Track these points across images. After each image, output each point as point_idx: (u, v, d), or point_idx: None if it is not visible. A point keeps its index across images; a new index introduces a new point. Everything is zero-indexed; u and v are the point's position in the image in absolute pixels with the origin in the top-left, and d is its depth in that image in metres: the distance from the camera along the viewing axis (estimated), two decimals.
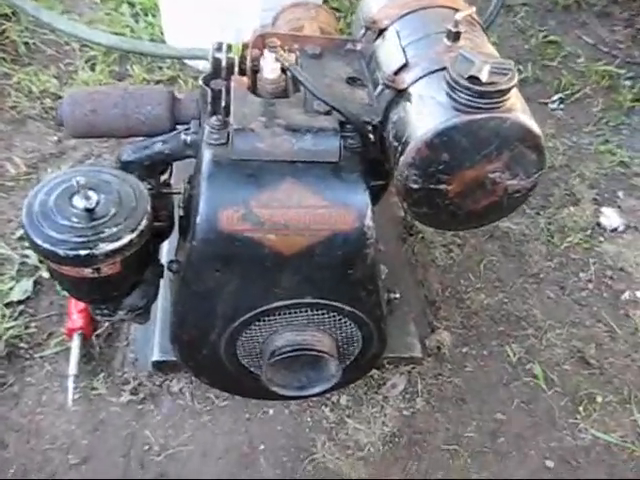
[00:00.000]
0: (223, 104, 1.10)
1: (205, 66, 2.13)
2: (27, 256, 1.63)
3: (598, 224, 1.90)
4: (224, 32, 1.80)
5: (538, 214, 1.90)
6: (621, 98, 2.30)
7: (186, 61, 2.18)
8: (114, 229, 0.99)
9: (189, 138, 1.13)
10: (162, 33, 2.25)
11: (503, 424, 1.48)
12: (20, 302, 1.56)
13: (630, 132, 2.20)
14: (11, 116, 1.96)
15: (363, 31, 1.22)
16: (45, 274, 1.60)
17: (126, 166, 1.14)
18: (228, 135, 1.04)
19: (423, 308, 1.66)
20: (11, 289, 1.57)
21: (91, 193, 1.00)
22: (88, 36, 1.60)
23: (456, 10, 1.18)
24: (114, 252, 0.99)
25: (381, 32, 1.19)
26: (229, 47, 1.23)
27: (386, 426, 1.44)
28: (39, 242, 0.98)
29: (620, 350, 1.61)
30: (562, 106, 2.28)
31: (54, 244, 0.97)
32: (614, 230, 1.88)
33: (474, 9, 1.12)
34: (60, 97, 2.01)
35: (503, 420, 1.48)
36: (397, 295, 1.54)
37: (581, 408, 1.50)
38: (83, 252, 0.97)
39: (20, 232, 1.68)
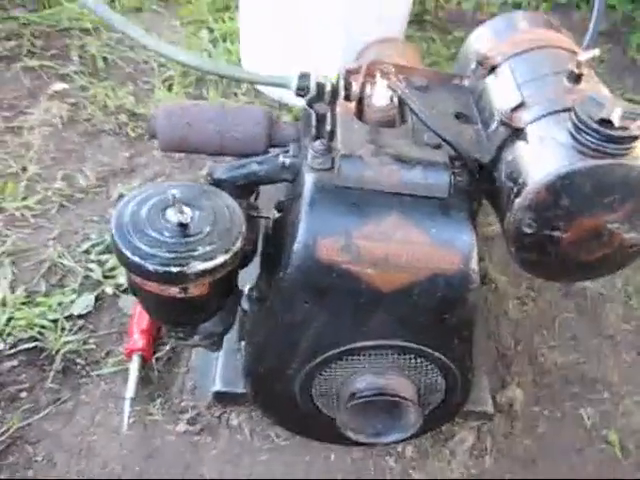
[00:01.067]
0: (328, 128, 1.05)
1: (280, 96, 2.12)
2: (91, 270, 1.59)
3: None
4: (304, 64, 1.78)
5: (614, 274, 1.82)
6: None
7: (261, 89, 2.17)
8: (208, 248, 0.93)
9: (288, 161, 1.08)
10: (239, 60, 2.24)
11: None
12: (80, 316, 1.51)
13: None
14: (85, 128, 1.95)
15: (473, 66, 1.17)
16: (108, 289, 1.56)
17: (218, 184, 1.10)
18: (332, 160, 1.00)
19: (494, 361, 1.57)
20: (72, 302, 1.53)
21: (186, 208, 0.96)
22: (170, 53, 1.57)
23: (571, 52, 1.14)
24: (205, 272, 0.93)
25: (493, 69, 1.15)
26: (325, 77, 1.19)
27: None
28: (128, 254, 0.92)
29: None
30: None
31: (144, 258, 0.92)
32: None
33: (598, 51, 1.07)
34: (135, 114, 2.00)
35: None
36: None
37: None
38: (174, 269, 0.91)
39: (86, 245, 1.64)
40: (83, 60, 2.16)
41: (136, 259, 0.92)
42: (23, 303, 1.50)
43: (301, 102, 1.15)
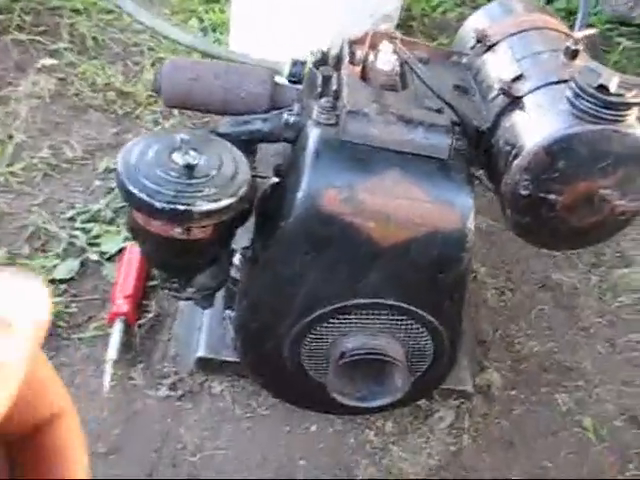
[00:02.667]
0: (333, 88, 1.07)
1: None
2: (75, 237, 1.58)
3: None
4: (294, 54, 1.81)
5: (590, 271, 1.87)
6: None
7: None
8: (214, 190, 0.94)
9: (292, 119, 1.10)
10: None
11: (550, 472, 1.41)
12: (63, 281, 1.50)
13: None
14: (73, 103, 1.94)
15: (472, 43, 1.21)
16: (92, 256, 1.55)
17: (222, 138, 1.11)
18: (338, 116, 1.02)
19: (473, 346, 1.60)
20: (55, 267, 1.52)
21: (193, 152, 0.97)
22: (165, 31, 1.60)
23: (566, 34, 1.19)
24: (211, 213, 0.94)
25: (491, 46, 1.19)
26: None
27: (432, 458, 1.37)
28: (135, 191, 0.92)
29: None
30: None
31: (151, 195, 0.92)
32: None
33: (594, 30, 1.12)
34: (123, 92, 2.00)
35: (550, 468, 1.41)
36: None
37: (631, 466, 1.44)
38: (181, 207, 0.92)
39: (71, 213, 1.63)
40: (73, 38, 2.15)
41: (143, 196, 0.92)
42: (5, 265, 1.48)
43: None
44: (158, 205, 0.92)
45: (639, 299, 1.83)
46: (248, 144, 1.14)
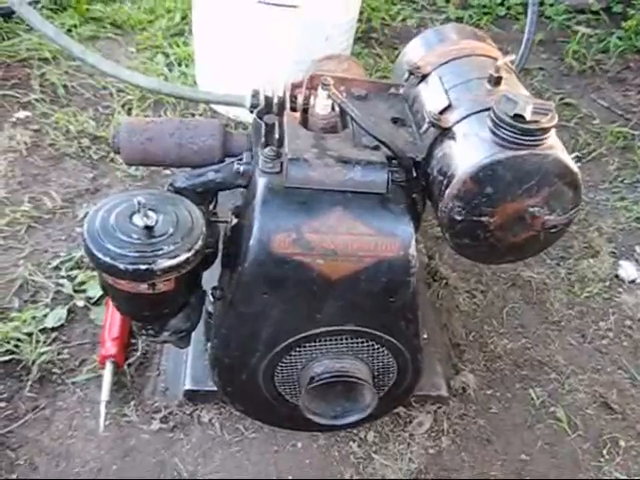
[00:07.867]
0: (276, 136, 1.16)
1: (236, 114, 2.22)
2: (62, 285, 1.67)
3: (616, 276, 1.94)
4: (255, 83, 1.89)
5: (558, 264, 1.95)
6: (636, 157, 2.38)
7: (217, 109, 2.27)
8: (172, 247, 1.03)
9: (242, 168, 1.19)
10: (195, 82, 2.34)
11: (527, 465, 1.49)
12: (54, 329, 1.59)
13: None
14: (49, 153, 2.03)
15: (406, 76, 1.29)
16: (79, 303, 1.64)
17: (179, 192, 1.19)
18: (282, 164, 1.10)
19: (448, 351, 1.68)
20: (45, 316, 1.61)
21: (151, 213, 1.05)
22: (129, 78, 1.67)
23: (494, 59, 1.26)
24: (171, 269, 1.03)
25: (424, 77, 1.27)
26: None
27: (412, 463, 1.45)
28: (100, 256, 1.02)
29: None
30: (579, 164, 2.35)
31: (114, 258, 1.01)
32: (632, 282, 1.93)
33: (514, 56, 1.20)
34: (97, 137, 2.09)
35: (527, 461, 1.49)
36: (425, 336, 1.58)
37: (604, 452, 1.52)
38: (142, 267, 1.01)
39: (56, 262, 1.72)
40: (44, 88, 2.25)
41: (107, 259, 1.01)
42: None
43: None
44: (122, 267, 1.01)
45: (608, 287, 1.91)
46: (205, 194, 1.22)
